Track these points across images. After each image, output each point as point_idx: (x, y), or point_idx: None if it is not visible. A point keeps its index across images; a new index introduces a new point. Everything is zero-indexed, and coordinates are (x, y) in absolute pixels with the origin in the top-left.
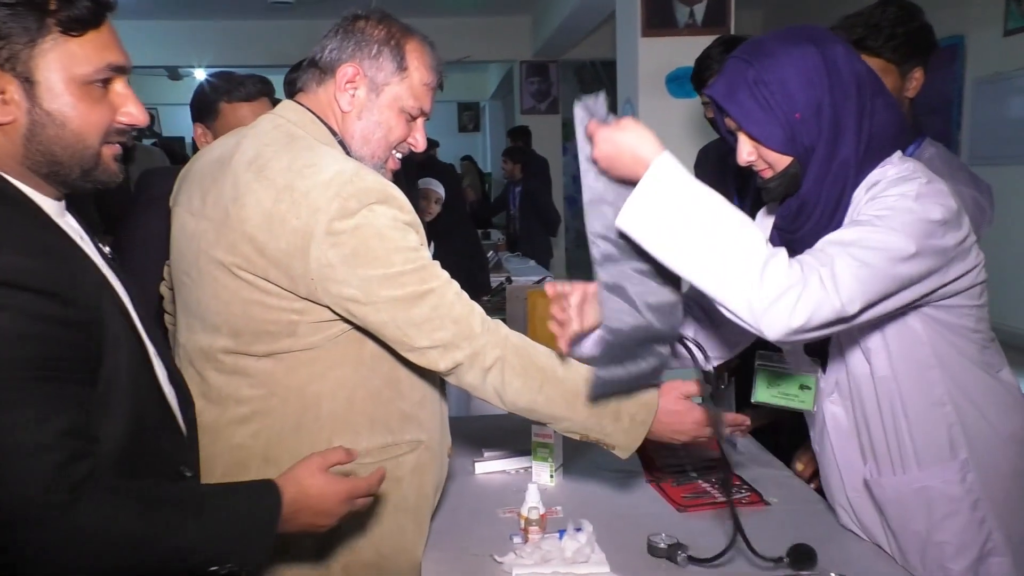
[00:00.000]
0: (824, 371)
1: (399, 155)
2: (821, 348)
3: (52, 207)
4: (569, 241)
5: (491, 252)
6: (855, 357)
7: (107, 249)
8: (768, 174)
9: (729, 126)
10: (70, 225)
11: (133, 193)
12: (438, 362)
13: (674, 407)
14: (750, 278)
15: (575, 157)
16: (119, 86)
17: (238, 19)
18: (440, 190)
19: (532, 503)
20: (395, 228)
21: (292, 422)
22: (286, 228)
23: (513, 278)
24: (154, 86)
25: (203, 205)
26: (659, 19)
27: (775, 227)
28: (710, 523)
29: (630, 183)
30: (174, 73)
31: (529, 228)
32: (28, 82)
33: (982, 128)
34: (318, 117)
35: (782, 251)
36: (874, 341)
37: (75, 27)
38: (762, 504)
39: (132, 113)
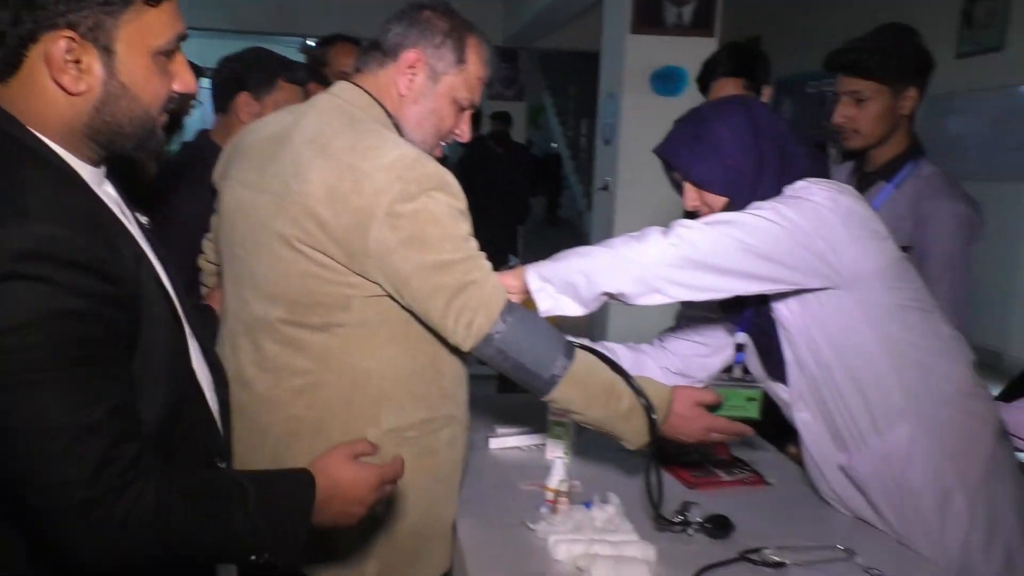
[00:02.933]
0: (787, 384)
1: (444, 144)
2: (778, 366)
3: (90, 174)
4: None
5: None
6: (805, 359)
7: (144, 219)
8: (706, 213)
9: (675, 179)
10: (108, 194)
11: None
12: (466, 342)
13: (687, 412)
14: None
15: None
16: (178, 55)
17: None
18: None
19: (561, 476)
20: (450, 216)
21: (345, 396)
22: (348, 206)
23: None
24: None
25: (260, 179)
26: (648, 16)
27: None
28: (719, 500)
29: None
30: None
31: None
32: (108, 52)
33: (933, 146)
34: (375, 99)
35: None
36: (815, 338)
37: None
38: (763, 484)
39: (186, 81)
